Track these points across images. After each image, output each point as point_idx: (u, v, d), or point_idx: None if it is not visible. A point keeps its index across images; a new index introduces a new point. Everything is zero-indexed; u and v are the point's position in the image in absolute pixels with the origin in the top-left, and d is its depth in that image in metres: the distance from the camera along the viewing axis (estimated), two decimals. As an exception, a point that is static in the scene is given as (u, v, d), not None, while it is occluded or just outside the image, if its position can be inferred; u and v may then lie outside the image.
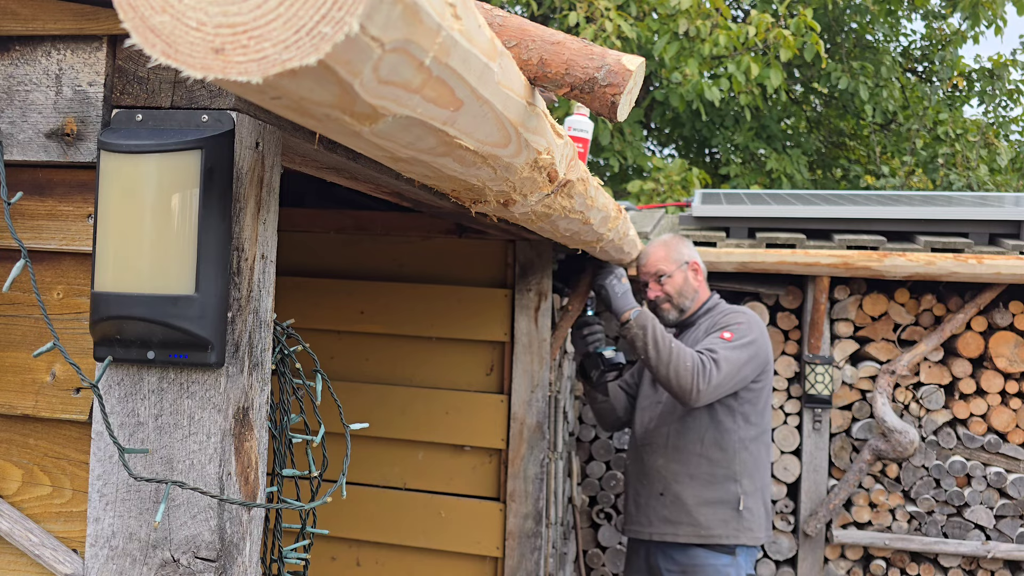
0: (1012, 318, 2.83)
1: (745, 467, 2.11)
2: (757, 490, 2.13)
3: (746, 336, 2.07)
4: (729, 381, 2.02)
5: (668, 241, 2.25)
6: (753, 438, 2.13)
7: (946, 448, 2.90)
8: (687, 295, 2.21)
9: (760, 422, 2.15)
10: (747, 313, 2.15)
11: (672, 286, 2.20)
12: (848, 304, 2.94)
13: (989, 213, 3.09)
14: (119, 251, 0.68)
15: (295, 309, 2.27)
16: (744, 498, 2.10)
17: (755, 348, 2.07)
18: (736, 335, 2.07)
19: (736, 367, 2.02)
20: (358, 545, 2.31)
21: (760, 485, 2.14)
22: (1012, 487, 2.84)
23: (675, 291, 2.20)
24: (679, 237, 2.28)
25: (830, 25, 7.43)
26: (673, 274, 2.20)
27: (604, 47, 0.77)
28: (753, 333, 2.08)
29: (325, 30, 0.39)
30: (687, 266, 2.21)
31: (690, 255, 2.23)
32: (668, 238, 2.27)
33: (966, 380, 2.88)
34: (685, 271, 2.21)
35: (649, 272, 2.22)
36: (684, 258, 2.21)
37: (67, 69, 0.75)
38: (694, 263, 2.22)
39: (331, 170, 0.98)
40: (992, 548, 2.82)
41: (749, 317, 2.14)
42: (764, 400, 2.15)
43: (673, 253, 2.22)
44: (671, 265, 2.20)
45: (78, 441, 0.78)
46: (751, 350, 2.06)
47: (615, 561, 3.00)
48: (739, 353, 2.04)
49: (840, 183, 8.35)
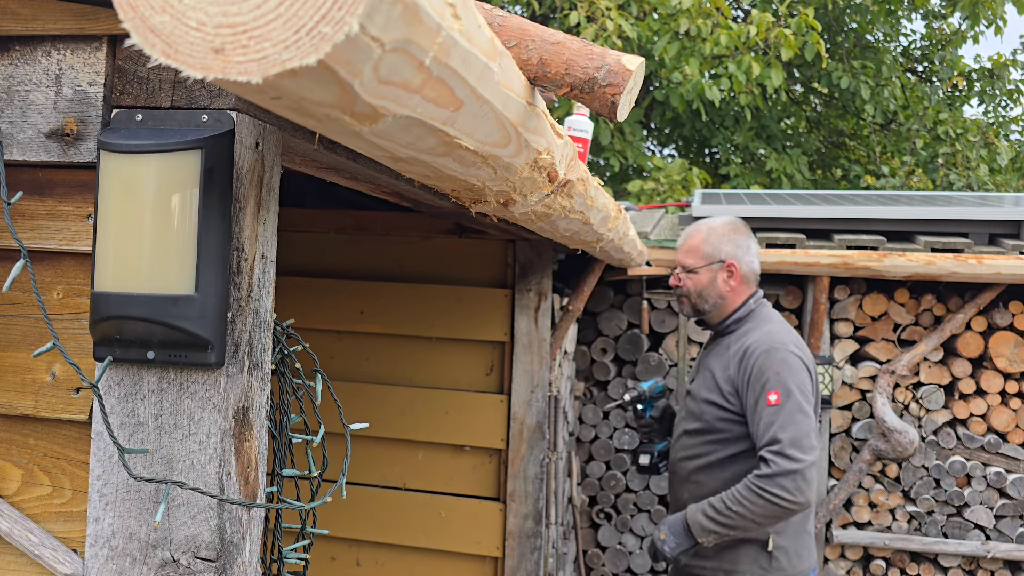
0: (1012, 318, 2.84)
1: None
2: (792, 528, 1.80)
3: (788, 381, 1.73)
4: (814, 446, 1.70)
5: (713, 229, 1.93)
6: None
7: (946, 448, 2.90)
8: (708, 298, 1.91)
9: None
10: (778, 349, 1.77)
11: (693, 284, 1.92)
12: (848, 304, 2.94)
13: (989, 213, 3.09)
14: (119, 251, 0.68)
15: (295, 309, 2.27)
16: (775, 537, 1.78)
17: (800, 390, 1.73)
18: (781, 391, 1.73)
19: (806, 429, 1.70)
20: (358, 545, 2.31)
21: (797, 522, 1.82)
22: (1012, 487, 2.84)
23: (694, 290, 1.92)
24: (731, 226, 1.94)
25: (830, 25, 7.43)
26: (699, 272, 1.91)
27: (604, 47, 0.77)
28: (792, 374, 1.74)
29: (325, 30, 0.39)
30: (721, 266, 1.90)
31: (730, 253, 1.90)
32: (717, 224, 1.95)
33: (966, 380, 2.88)
34: (716, 271, 1.90)
35: (678, 259, 1.97)
36: (720, 256, 1.90)
37: (67, 69, 0.75)
38: (731, 264, 1.89)
39: (331, 170, 0.98)
40: (992, 548, 2.82)
41: (783, 356, 1.76)
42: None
43: (708, 247, 1.92)
44: (700, 260, 1.91)
45: (78, 441, 0.78)
46: (805, 398, 1.73)
47: (615, 561, 3.00)
48: (795, 407, 1.71)
49: (840, 183, 8.36)
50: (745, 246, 1.92)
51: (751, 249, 1.93)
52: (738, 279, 1.91)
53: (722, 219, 1.97)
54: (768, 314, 1.89)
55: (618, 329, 2.99)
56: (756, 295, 1.93)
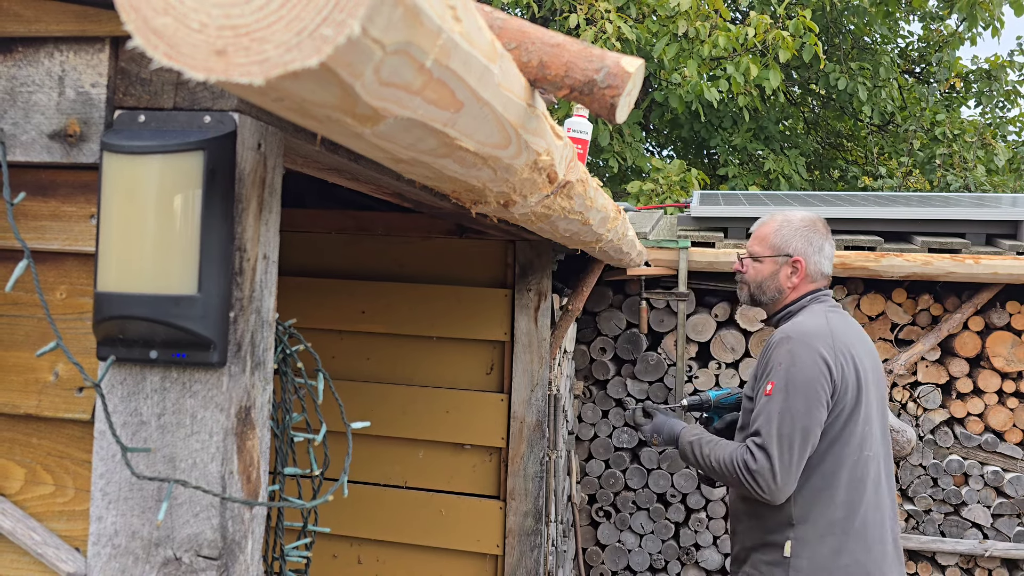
0: (1009, 318, 2.84)
1: (803, 511, 1.65)
2: (820, 537, 1.64)
3: (784, 376, 1.64)
4: (797, 451, 1.61)
5: (788, 221, 1.84)
6: (818, 479, 1.66)
7: (943, 447, 2.91)
8: (767, 290, 1.83)
9: (828, 460, 1.66)
10: (792, 339, 1.68)
11: (755, 273, 1.84)
12: (846, 304, 2.95)
13: (986, 213, 3.10)
14: (122, 251, 0.69)
15: (297, 309, 2.28)
16: (794, 544, 1.65)
17: (802, 383, 1.62)
18: (776, 382, 1.65)
19: (786, 430, 1.61)
20: (359, 543, 2.32)
21: (825, 532, 1.65)
22: (1009, 486, 2.85)
23: (754, 280, 1.85)
24: (807, 223, 1.84)
25: (828, 26, 7.44)
26: (764, 261, 1.83)
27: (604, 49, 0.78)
28: (795, 366, 1.64)
29: (327, 32, 0.39)
30: (787, 260, 1.81)
31: (799, 249, 1.80)
32: (794, 217, 1.85)
33: (963, 379, 2.89)
34: (781, 265, 1.81)
35: (749, 244, 1.90)
36: (788, 250, 1.81)
37: (70, 71, 0.75)
38: (797, 260, 1.80)
39: (332, 171, 0.99)
40: (989, 547, 2.83)
41: (792, 346, 1.67)
42: (836, 432, 1.66)
43: (777, 239, 1.83)
44: (767, 250, 1.83)
45: (81, 440, 0.78)
46: (802, 392, 1.62)
47: (614, 559, 3.01)
48: (789, 404, 1.62)
49: (838, 184, 8.37)
50: (818, 245, 1.82)
51: (823, 249, 1.83)
52: (801, 276, 1.81)
53: (801, 213, 1.87)
54: (816, 308, 1.77)
55: (617, 328, 2.99)
56: (815, 293, 1.81)
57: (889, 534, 1.71)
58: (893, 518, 1.75)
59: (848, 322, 1.79)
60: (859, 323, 2.95)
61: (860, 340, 1.77)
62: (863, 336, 1.81)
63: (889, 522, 1.73)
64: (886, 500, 1.72)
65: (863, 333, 1.83)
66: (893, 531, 1.74)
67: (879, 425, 1.74)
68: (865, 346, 1.78)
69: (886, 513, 1.72)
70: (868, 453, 1.68)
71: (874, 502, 1.68)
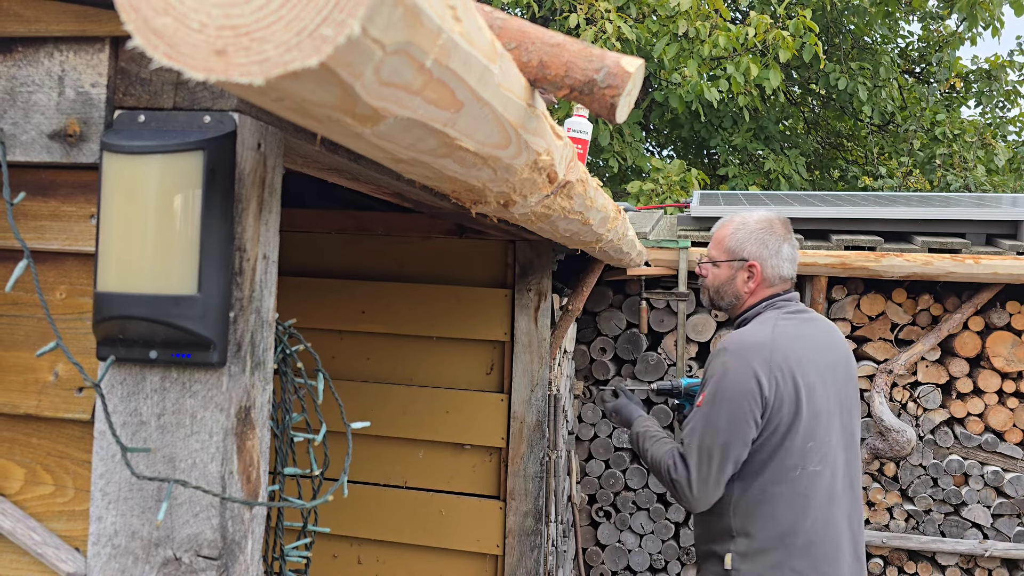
0: (1009, 318, 2.84)
1: (743, 524, 1.64)
2: (761, 552, 1.62)
3: (714, 388, 1.63)
4: (715, 465, 1.61)
5: (744, 224, 1.79)
6: (757, 492, 1.63)
7: (943, 447, 2.91)
8: (725, 295, 1.80)
9: (766, 475, 1.63)
10: (728, 351, 1.66)
11: (713, 278, 1.82)
12: (846, 304, 2.95)
13: (986, 213, 3.10)
14: (122, 251, 0.69)
15: (297, 309, 2.28)
16: (734, 557, 1.63)
17: (730, 398, 1.60)
18: (707, 394, 1.65)
19: (707, 442, 1.61)
20: (359, 543, 2.32)
21: (766, 546, 1.62)
22: (1009, 486, 2.85)
23: (713, 285, 1.82)
24: (763, 224, 1.78)
25: (828, 26, 7.44)
26: (721, 266, 1.80)
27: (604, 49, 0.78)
28: (725, 379, 1.62)
29: (327, 32, 0.39)
30: (742, 265, 1.77)
31: (754, 253, 1.76)
32: (750, 220, 1.80)
33: (963, 379, 2.89)
34: (736, 269, 1.77)
35: (708, 248, 1.87)
36: (743, 254, 1.77)
37: (70, 70, 0.75)
38: (753, 264, 1.76)
39: (332, 171, 0.99)
40: (989, 547, 2.83)
41: (726, 358, 1.65)
42: (773, 446, 1.62)
43: (732, 242, 1.79)
44: (723, 255, 1.80)
45: (81, 440, 0.78)
46: (728, 408, 1.60)
47: (614, 559, 3.01)
48: (713, 418, 1.61)
49: (838, 184, 8.37)
50: (774, 248, 1.76)
51: (781, 252, 1.76)
52: (758, 281, 1.76)
53: (758, 215, 1.81)
54: (767, 317, 1.73)
55: (617, 328, 2.99)
56: (772, 299, 1.76)
57: (847, 549, 1.66)
58: (854, 532, 1.69)
59: (800, 331, 1.70)
60: (858, 323, 2.97)
61: (815, 349, 1.68)
62: (822, 344, 1.71)
63: (848, 538, 1.67)
64: (841, 514, 1.66)
65: (825, 340, 1.73)
66: (855, 544, 1.69)
67: (839, 436, 1.68)
68: (822, 356, 1.69)
69: (841, 528, 1.65)
70: (816, 468, 1.62)
71: (823, 517, 1.63)
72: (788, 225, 1.82)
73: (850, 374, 1.76)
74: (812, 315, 1.79)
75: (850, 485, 1.70)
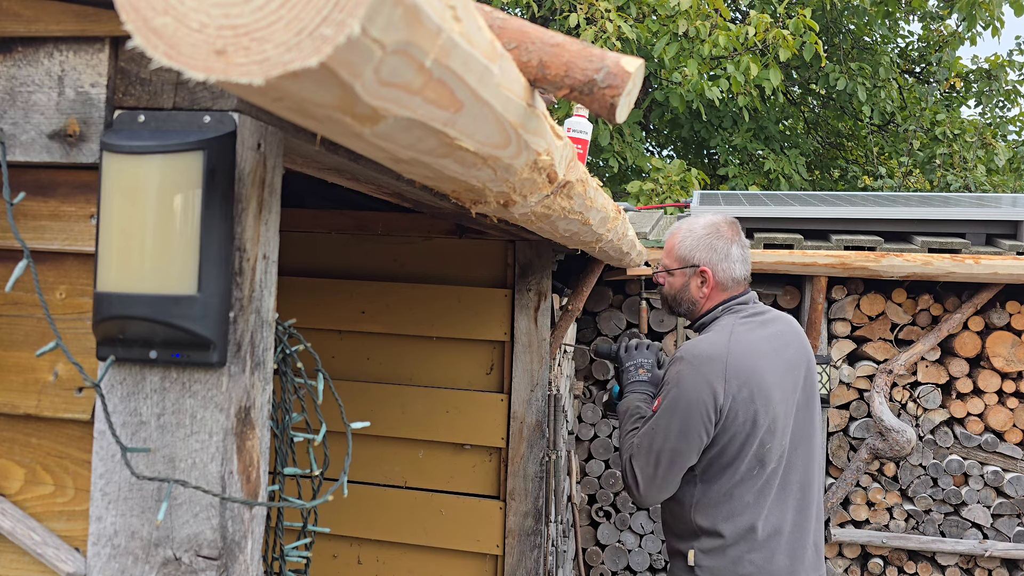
0: (1009, 318, 2.85)
1: (704, 522, 1.67)
2: (721, 548, 1.65)
3: (669, 396, 1.66)
4: (662, 470, 1.65)
5: (691, 231, 1.80)
6: (716, 494, 1.67)
7: (943, 447, 2.91)
8: (682, 302, 1.82)
9: (725, 478, 1.66)
10: (684, 360, 1.67)
11: (669, 286, 1.83)
12: (845, 304, 2.95)
13: (986, 213, 3.10)
14: (122, 251, 0.69)
15: (297, 309, 2.28)
16: (697, 555, 1.67)
17: (683, 407, 1.62)
18: (662, 400, 1.68)
19: (656, 446, 1.65)
20: (359, 543, 2.32)
21: (727, 543, 1.65)
22: (1009, 486, 2.85)
23: (669, 292, 1.84)
24: (710, 229, 1.78)
25: (828, 26, 7.45)
26: (674, 274, 1.81)
27: (604, 49, 0.78)
28: (679, 388, 1.64)
29: (326, 32, 0.39)
30: (694, 271, 1.77)
31: (704, 259, 1.76)
32: (697, 226, 1.80)
33: (963, 379, 2.89)
34: (689, 276, 1.78)
35: (662, 256, 1.88)
36: (693, 260, 1.77)
37: (69, 70, 0.75)
38: (704, 270, 1.76)
39: (332, 171, 0.99)
40: (989, 547, 2.83)
41: (682, 367, 1.66)
42: (733, 452, 1.65)
43: (682, 250, 1.79)
44: (675, 262, 1.81)
45: (80, 440, 0.78)
46: (680, 416, 1.63)
47: (614, 559, 3.01)
48: (665, 424, 1.64)
49: (838, 184, 8.37)
50: (723, 252, 1.76)
51: (730, 255, 1.76)
52: (712, 286, 1.77)
53: (704, 220, 1.81)
54: (724, 323, 1.73)
55: (617, 328, 2.99)
56: (728, 302, 1.76)
57: (806, 541, 1.71)
58: (814, 524, 1.74)
59: (757, 335, 1.71)
60: (858, 323, 2.97)
61: (773, 352, 1.70)
62: (780, 344, 1.72)
63: (806, 530, 1.71)
64: (799, 507, 1.71)
65: (783, 340, 1.73)
66: (815, 539, 1.74)
67: (800, 431, 1.71)
68: (780, 356, 1.70)
69: (798, 520, 1.70)
70: (774, 466, 1.67)
71: (781, 512, 1.68)
72: (736, 226, 1.82)
73: (810, 369, 1.79)
74: (771, 315, 1.80)
75: (810, 479, 1.74)
